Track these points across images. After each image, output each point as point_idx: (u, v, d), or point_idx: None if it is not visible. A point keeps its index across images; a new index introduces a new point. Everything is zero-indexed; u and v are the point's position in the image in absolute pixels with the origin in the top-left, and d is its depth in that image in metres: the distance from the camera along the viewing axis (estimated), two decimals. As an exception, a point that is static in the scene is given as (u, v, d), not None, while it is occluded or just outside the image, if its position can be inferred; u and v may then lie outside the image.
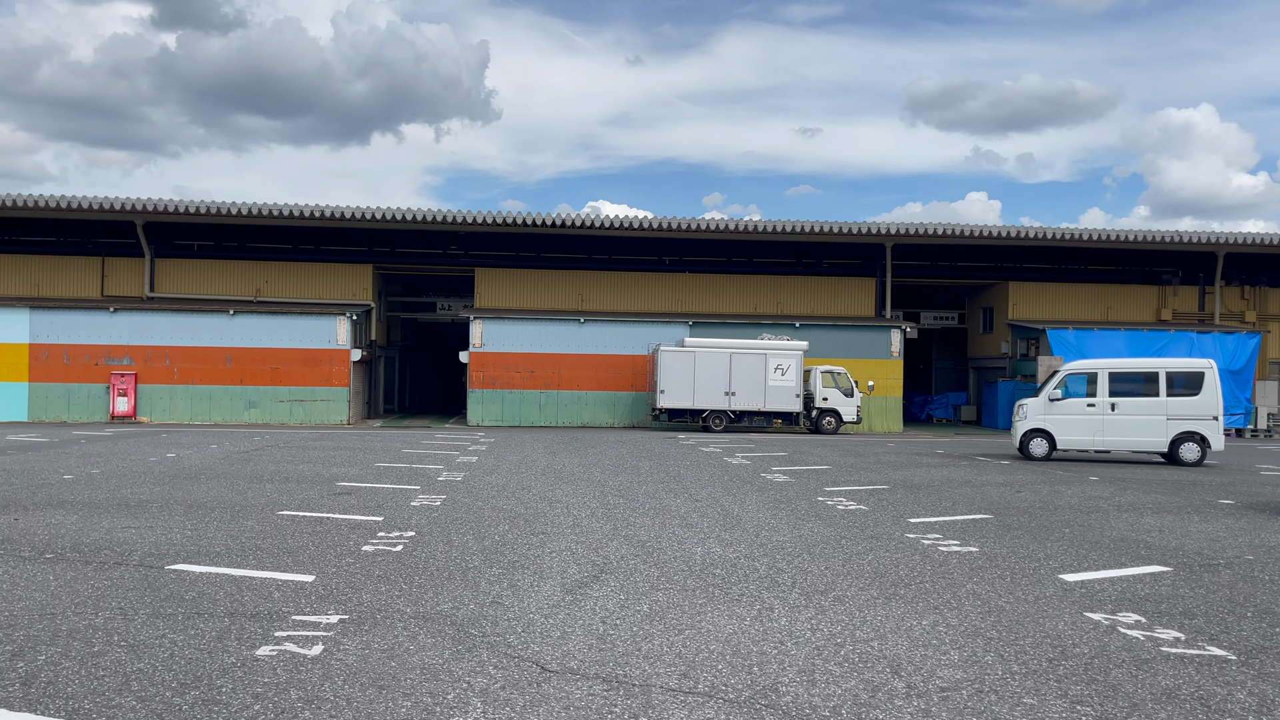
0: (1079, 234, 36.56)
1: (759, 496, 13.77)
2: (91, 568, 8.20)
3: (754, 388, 33.43)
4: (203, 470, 16.50)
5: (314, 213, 34.38)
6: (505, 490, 14.20)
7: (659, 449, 23.32)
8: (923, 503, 13.33)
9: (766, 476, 16.70)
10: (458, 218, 35.14)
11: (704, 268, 39.59)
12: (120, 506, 11.97)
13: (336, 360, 35.06)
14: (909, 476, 17.04)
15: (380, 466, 17.61)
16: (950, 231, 36.59)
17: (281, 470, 16.64)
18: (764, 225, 35.99)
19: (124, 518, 11.04)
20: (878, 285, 39.54)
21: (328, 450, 21.25)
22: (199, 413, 34.25)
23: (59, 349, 33.69)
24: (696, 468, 18.24)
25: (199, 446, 21.73)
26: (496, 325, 36.47)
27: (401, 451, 21.27)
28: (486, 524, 10.82)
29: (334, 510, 11.81)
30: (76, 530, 10.09)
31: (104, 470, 16.29)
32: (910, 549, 9.60)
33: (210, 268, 37.28)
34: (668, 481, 15.67)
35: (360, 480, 15.29)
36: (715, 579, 8.01)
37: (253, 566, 8.30)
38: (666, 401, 33.26)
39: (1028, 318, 39.80)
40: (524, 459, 19.83)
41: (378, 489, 14.12)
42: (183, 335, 34.43)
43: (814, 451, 23.17)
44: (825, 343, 36.42)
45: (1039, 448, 20.87)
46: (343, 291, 37.65)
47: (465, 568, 8.36)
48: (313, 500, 12.73)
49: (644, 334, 36.77)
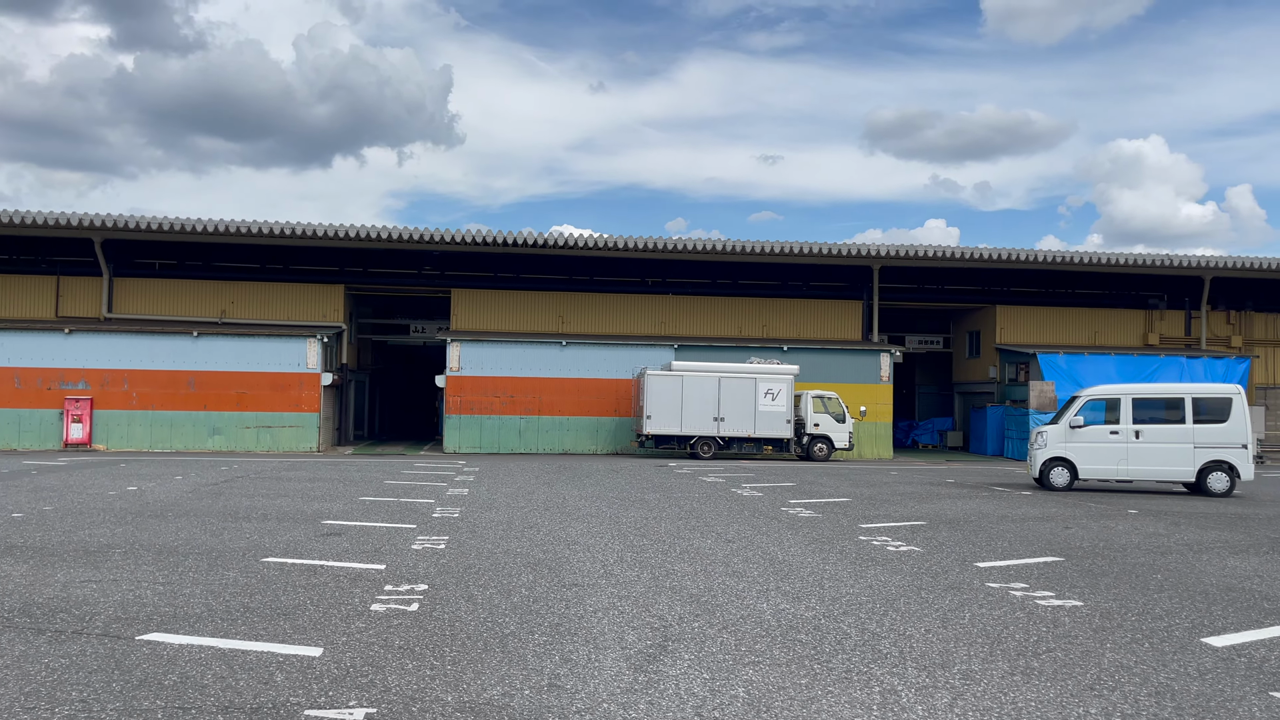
0: (1069, 257, 35.99)
1: (794, 536, 12.52)
2: (45, 639, 6.74)
3: (743, 413, 32.27)
4: (169, 506, 14.94)
5: (282, 230, 32.82)
6: (512, 529, 12.83)
7: (658, 479, 22.02)
8: (976, 543, 12.16)
9: (789, 511, 15.46)
10: (433, 236, 33.73)
11: (688, 289, 38.48)
12: (78, 553, 10.45)
13: (306, 384, 33.38)
14: (939, 511, 15.90)
15: (366, 501, 16.13)
16: (940, 254, 35.85)
17: (257, 506, 15.12)
18: (750, 246, 34.97)
19: (83, 567, 9.54)
20: (864, 308, 38.66)
21: (304, 482, 19.69)
22: (159, 440, 32.37)
23: (9, 372, 31.69)
24: (708, 501, 16.97)
25: (162, 478, 20.06)
26: (475, 348, 35.01)
27: (384, 483, 19.77)
28: (506, 573, 9.46)
29: (326, 556, 10.38)
30: (27, 585, 8.59)
31: (58, 507, 14.67)
32: (1004, 602, 8.39)
33: (172, 288, 35.49)
34: (686, 518, 14.37)
35: (348, 517, 13.83)
36: (805, 648, 6.74)
37: (244, 635, 6.89)
38: (653, 427, 31.97)
39: (1016, 342, 39.10)
40: (519, 491, 18.43)
41: (369, 528, 12.68)
42: (142, 358, 32.57)
43: (821, 481, 21.99)
44: (813, 367, 35.35)
45: (1060, 477, 19.85)
46: (312, 313, 36.01)
47: (501, 634, 7.01)
48: (299, 543, 11.28)
49: (628, 357, 35.50)
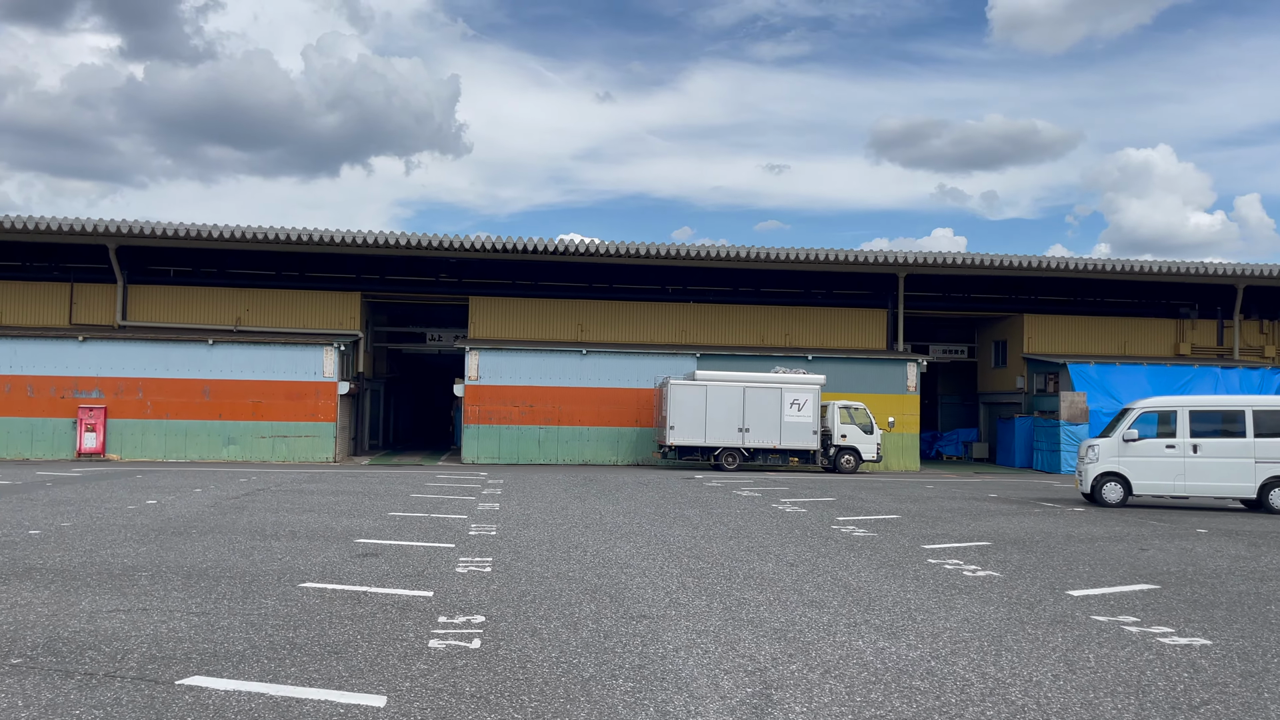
0: (1101, 265, 35.20)
1: (858, 558, 11.78)
2: (75, 684, 6.05)
3: (769, 424, 31.52)
4: (192, 522, 14.25)
5: (300, 236, 32.22)
6: (556, 549, 12.11)
7: (691, 493, 21.28)
8: (1054, 567, 11.41)
9: (841, 530, 14.72)
10: (452, 243, 33.12)
11: (709, 297, 37.77)
12: (102, 575, 9.76)
13: (323, 394, 32.73)
14: (998, 530, 15.13)
15: (396, 516, 15.43)
16: (968, 261, 35.10)
17: (284, 522, 14.43)
18: (773, 253, 34.24)
19: (109, 594, 8.85)
20: (889, 316, 37.91)
21: (327, 495, 19.00)
22: (174, 449, 31.74)
23: (22, 380, 31.11)
24: (752, 518, 16.23)
25: (182, 491, 19.39)
26: (493, 357, 34.34)
27: (410, 496, 19.06)
28: (565, 602, 8.74)
29: (368, 580, 9.67)
30: (50, 616, 7.90)
31: (77, 523, 14.00)
32: (1123, 640, 7.64)
33: (187, 295, 34.91)
34: (736, 537, 13.64)
35: (380, 535, 13.13)
36: (928, 698, 6.01)
37: (294, 679, 6.19)
38: (676, 438, 31.24)
39: (1044, 351, 38.29)
40: (551, 506, 17.71)
41: (407, 548, 11.98)
42: (157, 366, 31.97)
43: (860, 496, 21.23)
44: (838, 376, 34.58)
45: (1113, 493, 19.06)
46: (329, 321, 35.40)
47: (581, 679, 6.30)
48: (335, 565, 10.58)
49: (649, 366, 34.80)
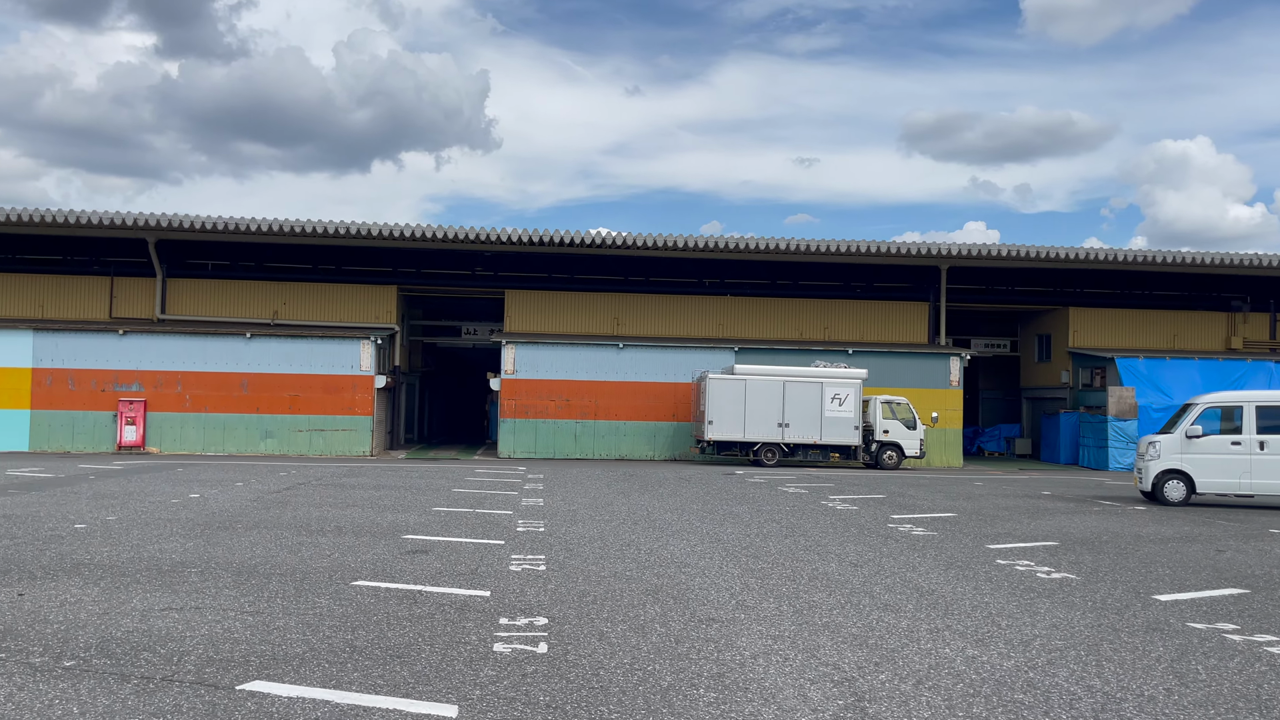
0: (1150, 256, 34.34)
1: (923, 559, 11.34)
2: (131, 688, 5.78)
3: (809, 419, 31.02)
4: (236, 517, 14.07)
5: (337, 229, 32.12)
6: (608, 546, 11.78)
7: (736, 489, 20.89)
8: (1131, 569, 10.91)
9: (898, 528, 14.27)
10: (488, 236, 32.86)
11: (747, 290, 37.29)
12: (151, 571, 9.55)
13: (360, 387, 32.65)
14: (1062, 529, 14.62)
15: (440, 511, 15.17)
16: (1012, 253, 34.33)
17: (328, 517, 14.21)
18: (813, 245, 33.68)
19: (159, 590, 8.62)
20: (930, 310, 37.24)
21: (368, 490, 18.80)
22: (212, 443, 31.80)
23: (64, 374, 31.27)
24: (803, 515, 15.82)
25: (223, 484, 19.28)
26: (530, 350, 34.10)
27: (452, 491, 18.82)
28: (628, 604, 8.40)
29: (420, 579, 9.39)
30: (101, 614, 7.67)
31: (121, 516, 13.86)
32: (1229, 650, 7.18)
33: (225, 288, 34.95)
34: (791, 535, 13.24)
35: (427, 531, 12.86)
36: (1036, 715, 5.59)
37: (360, 685, 5.89)
38: (715, 433, 30.83)
39: (1090, 345, 37.45)
40: (596, 501, 17.39)
41: (455, 545, 11.69)
42: (195, 360, 32.03)
43: (909, 493, 20.73)
44: (879, 371, 34.00)
45: (1175, 491, 18.44)
46: (365, 314, 35.31)
47: (660, 688, 5.95)
48: (386, 563, 10.31)
49: (686, 360, 34.41)
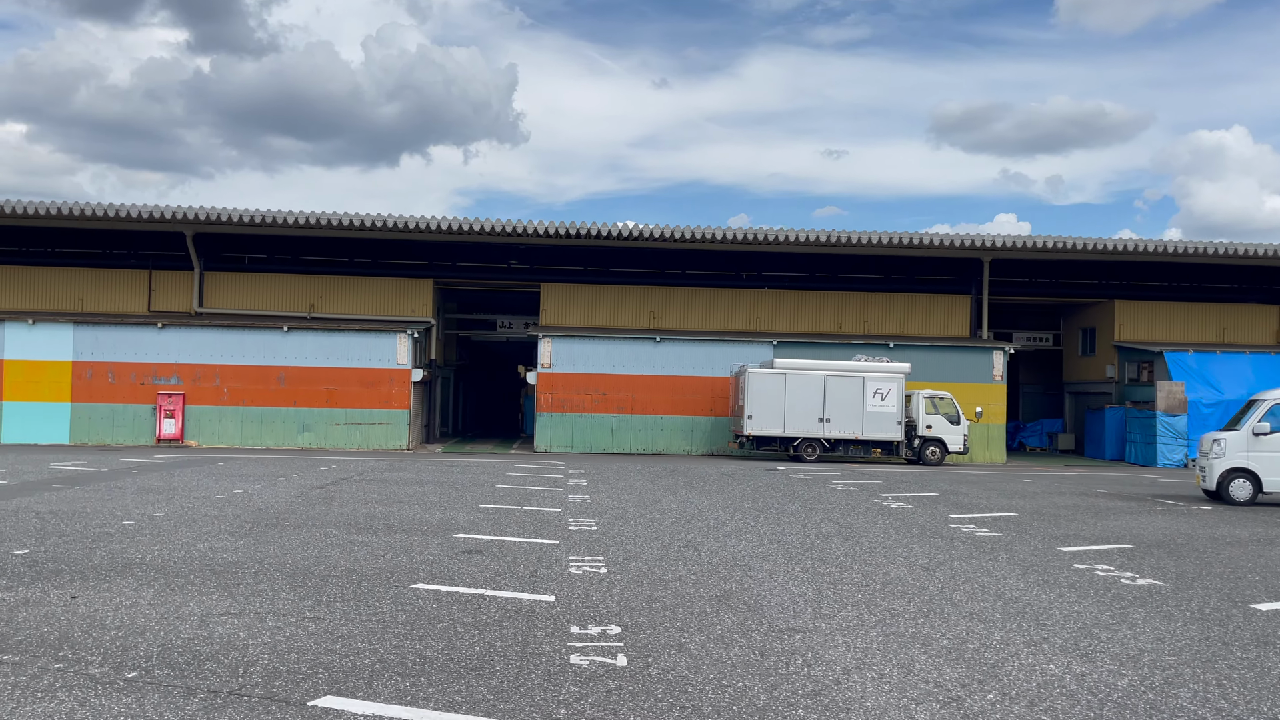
0: (1201, 248, 33.43)
1: (996, 562, 10.89)
2: (199, 703, 5.49)
3: (851, 414, 30.50)
4: (284, 514, 13.86)
5: (374, 222, 31.94)
6: (666, 548, 11.43)
7: (783, 486, 20.47)
8: (1217, 574, 10.41)
9: (961, 528, 13.82)
10: (525, 228, 32.55)
11: (784, 283, 36.75)
12: (204, 572, 9.31)
13: (396, 381, 32.50)
14: (1130, 531, 14.09)
15: (488, 509, 14.88)
16: (1057, 245, 33.54)
17: (375, 514, 13.96)
18: (854, 236, 33.08)
19: (215, 593, 8.37)
20: (973, 303, 36.56)
21: (411, 485, 18.57)
22: (249, 436, 31.78)
23: (103, 367, 31.36)
24: (859, 514, 15.39)
25: (265, 479, 19.12)
26: (566, 344, 33.78)
27: (496, 487, 18.54)
28: (700, 610, 8.04)
29: (481, 582, 9.07)
30: (159, 619, 7.41)
31: (169, 513, 13.68)
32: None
33: (261, 282, 34.92)
34: (852, 536, 12.83)
35: (478, 529, 12.57)
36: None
37: (436, 702, 5.56)
38: (754, 428, 30.36)
39: (1137, 339, 36.62)
40: (643, 499, 17.05)
41: (510, 545, 11.39)
42: (233, 353, 32.01)
43: (962, 491, 20.23)
44: (920, 365, 33.34)
45: (1242, 490, 17.81)
46: (401, 308, 35.16)
47: (755, 706, 5.58)
48: (442, 564, 10.01)
49: (724, 354, 33.96)
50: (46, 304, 33.64)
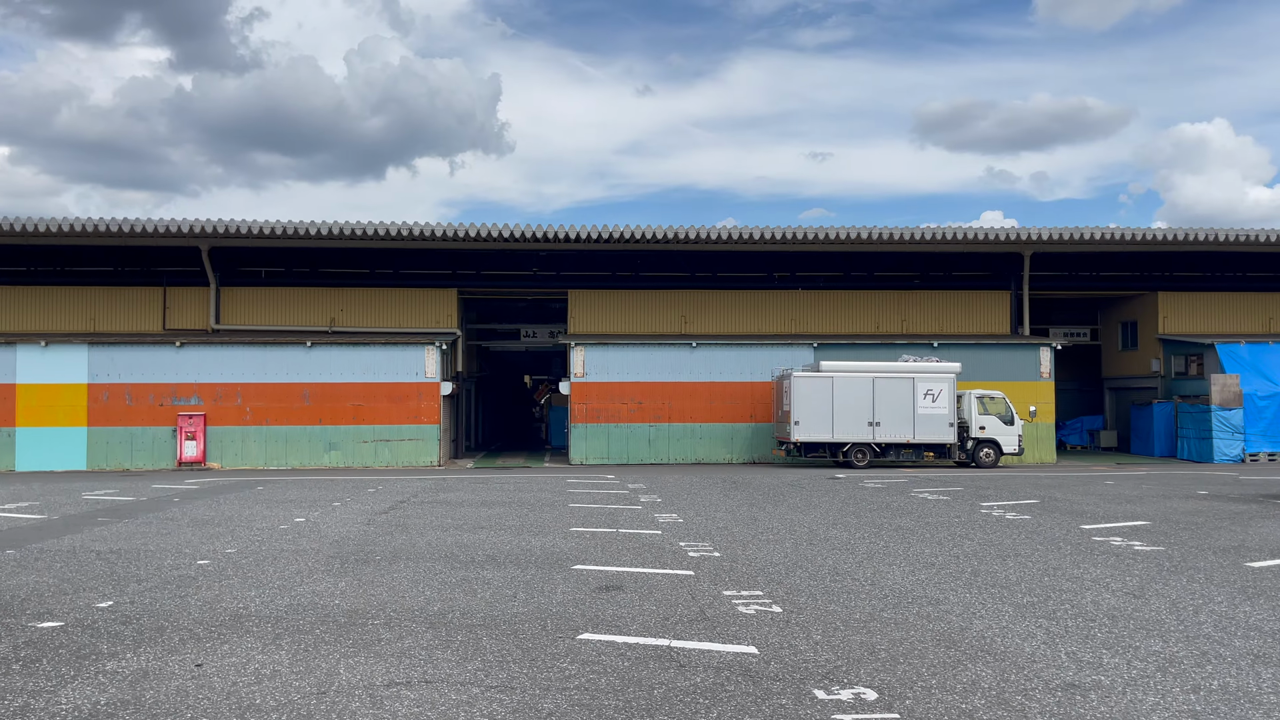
0: (1254, 236, 32.45)
1: (1197, 584, 9.73)
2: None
3: (901, 416, 29.37)
4: (365, 546, 12.59)
5: (397, 231, 30.65)
6: (816, 576, 10.23)
7: (867, 497, 19.31)
8: None
9: (1106, 540, 12.67)
10: (554, 234, 31.31)
11: (819, 284, 35.62)
12: (327, 624, 8.06)
13: (425, 395, 31.20)
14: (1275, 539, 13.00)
15: (582, 533, 13.66)
16: (1102, 236, 32.48)
17: (464, 543, 12.71)
18: (891, 233, 31.95)
19: (359, 653, 7.13)
20: (1012, 298, 35.52)
21: (477, 508, 17.32)
22: (274, 457, 30.43)
23: (120, 389, 29.97)
24: (978, 526, 14.22)
25: (320, 505, 17.83)
26: (599, 352, 32.54)
27: (570, 507, 17.32)
28: (937, 661, 6.85)
29: (650, 628, 7.86)
30: (317, 695, 6.17)
31: (241, 548, 12.41)
32: None
33: (279, 296, 33.59)
34: (1002, 554, 11.66)
35: (591, 559, 11.35)
36: None
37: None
38: (801, 434, 29.19)
39: (1183, 331, 35.65)
40: (735, 516, 15.85)
41: (641, 577, 10.18)
42: (255, 371, 30.65)
43: (1056, 496, 19.10)
44: (965, 364, 32.17)
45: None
46: (425, 319, 33.88)
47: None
48: (586, 604, 8.80)
49: (763, 358, 32.80)
50: (58, 325, 32.24)
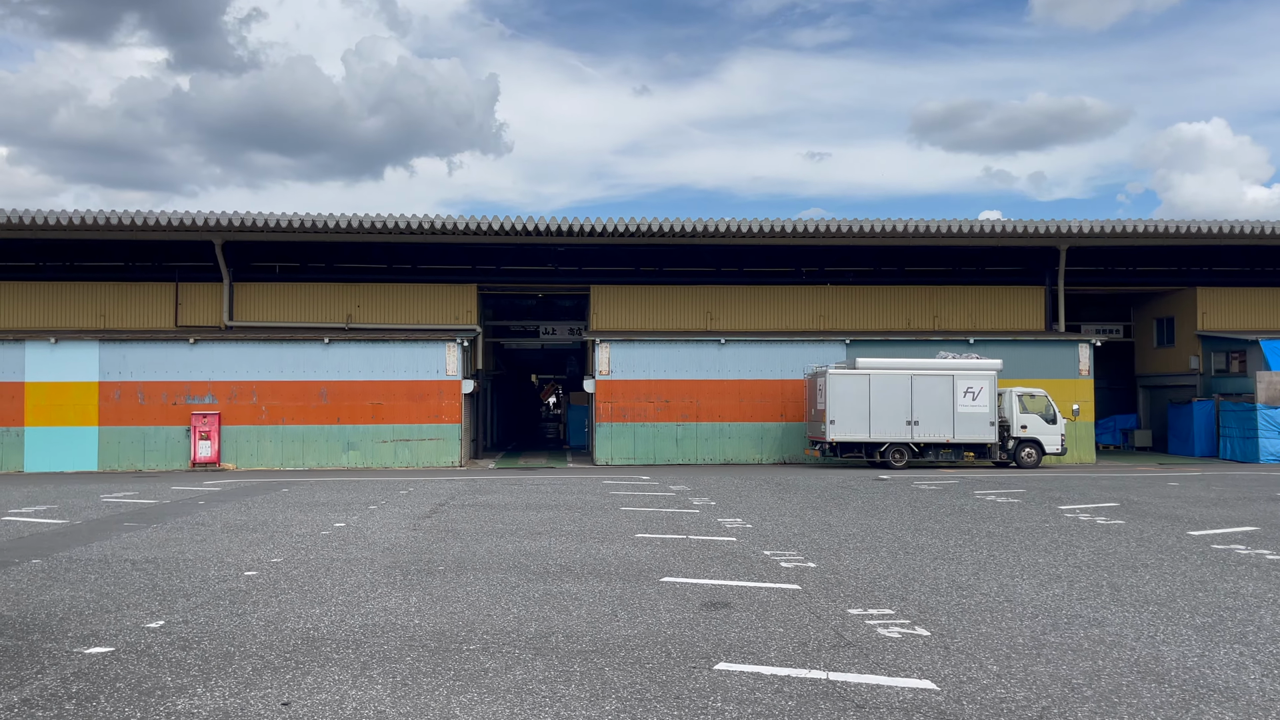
0: (1298, 229, 31.48)
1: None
2: None
3: (940, 415, 28.37)
4: (421, 554, 11.57)
5: (417, 224, 29.60)
6: (939, 591, 9.23)
7: (930, 499, 18.31)
8: None
9: (1236, 550, 11.68)
10: (576, 228, 30.32)
11: (849, 279, 34.59)
12: (416, 649, 7.04)
13: (446, 393, 30.16)
14: None
15: (652, 539, 12.64)
16: (1141, 229, 31.49)
17: (528, 551, 11.70)
18: (924, 226, 30.96)
19: (467, 688, 6.12)
20: (1047, 294, 34.55)
21: (523, 511, 16.29)
22: (291, 457, 29.38)
23: (132, 387, 28.91)
24: (1074, 532, 13.23)
25: (356, 509, 16.80)
26: (624, 349, 31.52)
27: (620, 510, 16.29)
28: (1155, 702, 5.86)
29: (789, 657, 6.85)
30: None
31: (286, 557, 11.39)
32: None
33: (294, 292, 32.55)
34: (1123, 565, 10.67)
35: (676, 570, 10.34)
36: None
37: None
38: (837, 433, 28.18)
39: (1221, 327, 34.68)
40: (804, 520, 14.84)
41: (745, 591, 9.17)
42: (270, 369, 29.60)
43: (1133, 499, 18.11)
44: (1002, 361, 31.23)
45: None
46: (443, 315, 32.86)
47: None
48: (702, 626, 7.78)
49: (793, 355, 31.79)
50: (68, 321, 31.19)
